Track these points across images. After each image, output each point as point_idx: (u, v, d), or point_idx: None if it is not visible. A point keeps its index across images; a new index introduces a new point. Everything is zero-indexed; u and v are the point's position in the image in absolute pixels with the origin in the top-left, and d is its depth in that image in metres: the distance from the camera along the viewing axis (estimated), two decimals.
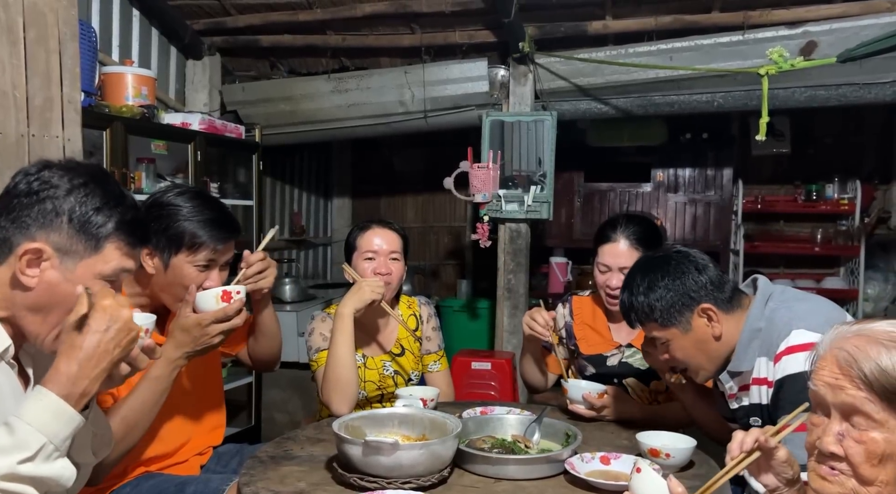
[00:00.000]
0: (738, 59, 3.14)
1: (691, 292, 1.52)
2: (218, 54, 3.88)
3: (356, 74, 3.80)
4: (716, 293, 1.53)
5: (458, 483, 1.42)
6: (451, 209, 5.41)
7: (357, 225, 2.10)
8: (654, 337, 1.58)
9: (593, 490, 1.38)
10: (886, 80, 3.03)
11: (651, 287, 1.54)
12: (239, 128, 3.46)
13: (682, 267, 1.55)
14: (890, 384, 0.90)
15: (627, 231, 2.00)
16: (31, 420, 1.00)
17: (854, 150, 4.55)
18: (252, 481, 1.40)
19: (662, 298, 1.53)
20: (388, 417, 1.58)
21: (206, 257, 1.58)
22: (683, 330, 1.53)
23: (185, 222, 1.57)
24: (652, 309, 1.53)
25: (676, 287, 1.52)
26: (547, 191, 3.47)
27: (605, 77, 3.39)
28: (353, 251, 2.02)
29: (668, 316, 1.53)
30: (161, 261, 1.58)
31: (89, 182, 1.13)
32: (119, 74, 2.93)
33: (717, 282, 1.54)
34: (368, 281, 1.90)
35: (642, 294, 1.55)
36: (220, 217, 1.63)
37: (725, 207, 4.53)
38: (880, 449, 0.91)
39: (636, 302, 1.56)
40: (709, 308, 1.52)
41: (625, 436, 1.70)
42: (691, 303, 1.52)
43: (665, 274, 1.55)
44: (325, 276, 5.58)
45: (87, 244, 1.11)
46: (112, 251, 1.14)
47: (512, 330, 3.60)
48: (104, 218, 1.12)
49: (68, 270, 1.11)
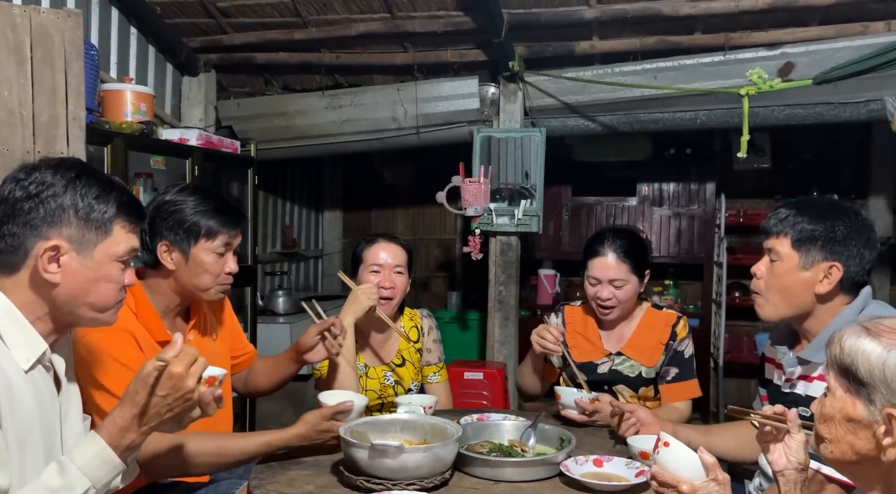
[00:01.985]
0: (719, 78, 3.26)
1: (843, 249, 1.52)
2: (213, 71, 3.94)
3: (350, 91, 3.88)
4: (853, 268, 1.52)
5: (459, 485, 1.49)
6: (441, 222, 5.49)
7: (364, 237, 2.17)
8: (772, 248, 1.57)
9: (587, 490, 1.45)
10: (860, 99, 3.17)
11: (825, 217, 1.53)
12: (235, 143, 3.52)
13: (862, 228, 1.54)
14: (843, 362, 1.03)
15: (615, 245, 2.09)
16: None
17: (831, 166, 4.69)
18: (262, 484, 1.47)
19: (819, 230, 1.52)
20: (391, 423, 1.65)
21: (222, 243, 1.66)
22: (802, 265, 1.53)
23: (197, 214, 1.64)
24: (802, 230, 1.53)
25: (841, 234, 1.52)
26: (537, 204, 3.57)
27: (592, 95, 3.50)
28: (359, 263, 2.09)
29: (806, 243, 1.53)
30: (181, 254, 1.64)
31: (81, 174, 1.20)
32: (118, 91, 2.99)
33: (863, 262, 1.53)
34: (362, 288, 1.98)
35: (809, 216, 1.54)
36: (227, 205, 1.71)
37: (709, 220, 4.64)
38: (826, 411, 1.06)
39: (796, 216, 1.55)
40: (838, 268, 1.51)
41: (616, 440, 1.78)
42: (832, 254, 1.52)
43: (845, 218, 1.53)
44: (316, 288, 5.63)
45: (98, 230, 1.19)
46: (120, 232, 1.22)
47: (503, 341, 3.68)
48: (105, 203, 1.20)
49: (87, 258, 1.19)
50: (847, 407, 1.02)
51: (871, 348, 1.00)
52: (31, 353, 1.15)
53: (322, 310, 1.98)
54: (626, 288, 2.07)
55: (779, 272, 1.56)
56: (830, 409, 1.05)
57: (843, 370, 1.03)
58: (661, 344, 2.13)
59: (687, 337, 2.15)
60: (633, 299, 2.12)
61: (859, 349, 1.01)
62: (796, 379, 1.59)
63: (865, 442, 1.00)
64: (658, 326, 2.15)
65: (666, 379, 2.12)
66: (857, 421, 1.01)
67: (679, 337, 2.13)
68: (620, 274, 2.06)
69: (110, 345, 1.52)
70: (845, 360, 1.03)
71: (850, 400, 1.02)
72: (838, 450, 1.04)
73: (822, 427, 1.07)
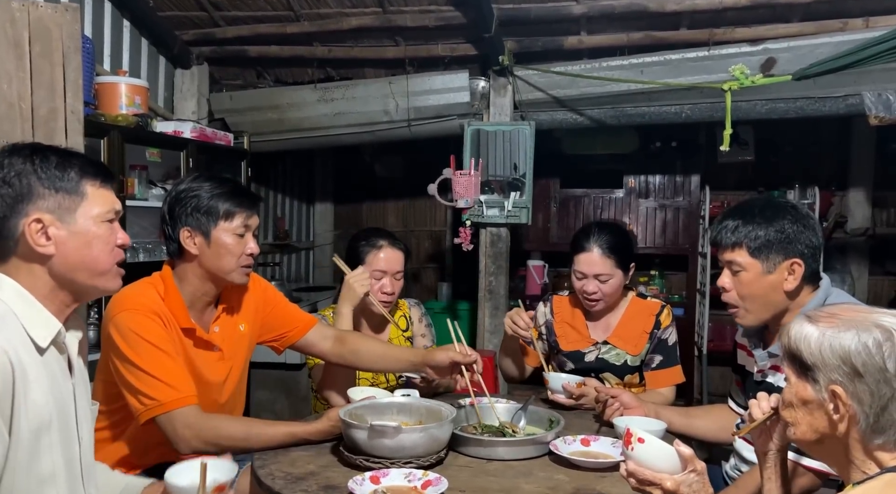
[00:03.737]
0: (703, 73, 3.34)
1: (798, 243, 1.57)
2: (206, 64, 3.97)
3: (342, 84, 3.92)
4: (811, 259, 1.59)
5: (454, 464, 1.56)
6: (432, 214, 5.55)
7: (364, 236, 2.20)
8: (732, 261, 1.62)
9: (575, 467, 1.53)
10: (839, 94, 3.26)
11: (771, 220, 1.58)
12: (228, 135, 3.57)
13: (805, 220, 1.60)
14: (790, 349, 1.12)
15: (600, 240, 2.15)
16: None
17: (813, 159, 4.78)
18: (265, 464, 1.53)
19: (771, 234, 1.57)
20: (388, 405, 1.72)
21: (241, 223, 1.71)
22: (765, 270, 1.59)
23: (214, 197, 1.69)
24: (756, 238, 1.58)
25: (791, 231, 1.57)
26: (526, 196, 3.64)
27: (581, 89, 3.57)
28: (360, 263, 2.14)
29: (764, 249, 1.58)
30: (203, 238, 1.69)
31: (35, 150, 1.23)
32: (113, 84, 3.02)
33: (816, 252, 1.60)
34: (354, 276, 2.03)
35: (757, 223, 1.59)
36: (241, 188, 1.77)
37: (693, 212, 4.73)
38: (786, 397, 1.15)
39: (745, 226, 1.59)
40: (799, 264, 1.58)
41: (602, 423, 1.86)
42: (789, 252, 1.57)
43: (788, 215, 1.59)
44: (308, 280, 5.68)
45: (72, 195, 1.22)
46: (94, 191, 1.25)
47: (493, 330, 3.75)
48: (68, 169, 1.23)
49: (71, 225, 1.22)
50: (800, 390, 1.11)
51: (809, 332, 1.09)
52: (46, 333, 1.19)
53: (461, 334, 1.88)
54: (610, 282, 2.15)
55: (746, 281, 1.61)
56: (789, 395, 1.14)
57: (792, 356, 1.12)
58: (645, 333, 2.21)
59: (671, 326, 2.22)
60: (618, 292, 2.20)
61: (801, 335, 1.10)
62: (768, 370, 1.67)
63: (821, 421, 1.09)
64: (643, 315, 2.23)
65: (651, 366, 2.20)
66: (810, 402, 1.09)
67: (663, 326, 2.21)
68: (605, 270, 2.14)
69: (139, 326, 1.58)
70: (792, 347, 1.11)
71: (802, 384, 1.10)
72: (800, 431, 1.13)
73: (786, 412, 1.15)
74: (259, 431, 1.63)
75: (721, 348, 4.61)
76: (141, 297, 1.62)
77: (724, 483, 1.83)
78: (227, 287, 1.79)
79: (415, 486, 1.39)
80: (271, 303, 1.92)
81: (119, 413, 1.63)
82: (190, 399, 1.58)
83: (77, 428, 1.27)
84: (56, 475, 1.20)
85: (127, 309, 1.58)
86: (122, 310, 1.58)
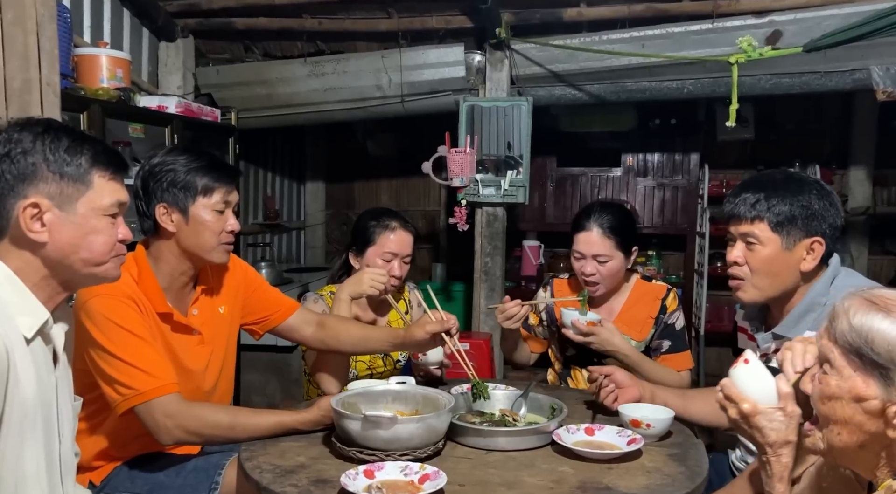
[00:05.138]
0: (707, 47, 3.24)
1: (822, 221, 1.50)
2: (191, 37, 3.82)
3: (333, 58, 3.79)
4: (830, 240, 1.51)
5: (452, 455, 1.49)
6: (426, 193, 5.45)
7: (376, 216, 2.09)
8: (750, 233, 1.53)
9: (580, 458, 1.46)
10: (845, 68, 3.17)
11: (796, 193, 1.50)
12: (215, 111, 3.44)
13: (830, 197, 1.52)
14: (853, 341, 0.98)
15: (600, 219, 2.07)
16: None
17: (813, 137, 4.71)
18: (253, 456, 1.45)
19: (796, 209, 1.49)
20: (383, 394, 1.63)
21: (220, 199, 1.61)
22: (784, 246, 1.51)
23: (191, 171, 1.59)
24: (779, 212, 1.50)
25: (816, 207, 1.49)
26: (523, 175, 3.54)
27: (580, 63, 3.46)
28: (368, 243, 2.05)
29: (786, 224, 1.50)
30: (181, 215, 1.59)
31: (48, 129, 1.15)
32: (93, 56, 2.89)
33: (837, 232, 1.52)
34: (372, 273, 1.93)
35: (781, 196, 1.50)
36: (219, 161, 1.66)
37: (692, 191, 4.66)
38: (831, 391, 1.00)
39: (768, 198, 1.51)
40: (820, 243, 1.50)
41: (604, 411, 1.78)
42: (812, 230, 1.49)
43: (813, 190, 1.51)
44: (299, 260, 5.59)
45: (76, 183, 1.14)
46: (101, 182, 1.17)
47: (489, 312, 3.68)
48: (78, 155, 1.15)
49: (70, 213, 1.14)
50: (858, 387, 0.97)
51: (886, 327, 0.95)
52: (33, 321, 1.12)
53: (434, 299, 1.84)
54: (609, 264, 2.07)
55: (762, 256, 1.52)
56: (836, 390, 0.99)
57: (854, 349, 0.97)
58: (650, 318, 2.13)
59: (677, 310, 2.15)
60: (618, 275, 2.12)
61: (873, 327, 0.96)
62: (771, 353, 1.59)
63: (874, 424, 0.96)
64: (647, 299, 2.16)
65: (660, 352, 2.13)
66: (867, 400, 0.96)
67: (669, 310, 2.13)
68: (604, 250, 2.06)
69: (112, 311, 1.48)
70: (856, 339, 0.97)
71: (862, 380, 0.96)
72: (846, 432, 0.99)
73: (826, 407, 1.01)
74: (246, 420, 1.54)
75: (719, 329, 4.58)
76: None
77: (730, 474, 1.77)
78: (205, 267, 1.70)
79: (411, 480, 1.31)
80: (252, 285, 1.83)
81: (95, 404, 1.54)
82: (170, 386, 1.49)
83: (58, 424, 1.20)
84: (39, 472, 1.13)
85: (98, 293, 1.47)
86: (92, 295, 1.47)
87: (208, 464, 1.57)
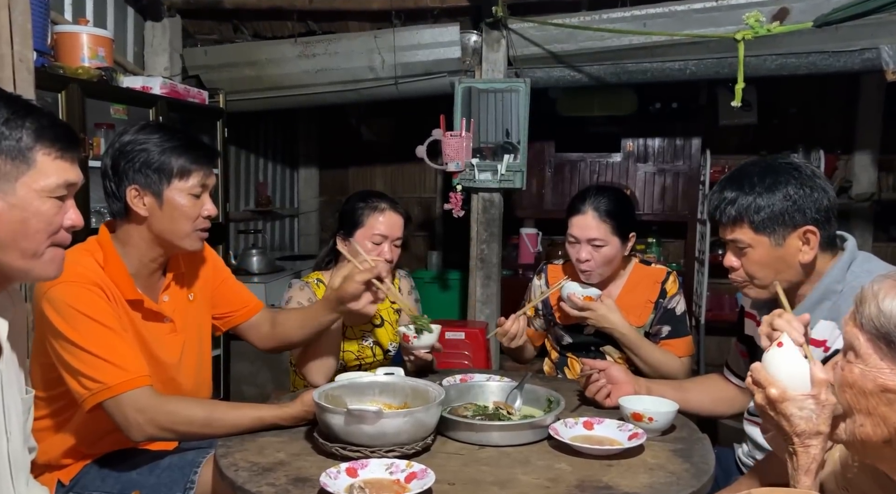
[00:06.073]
0: (710, 25, 3.12)
1: (807, 209, 1.39)
2: (178, 16, 3.70)
3: (324, 38, 3.68)
4: (825, 223, 1.41)
5: (442, 451, 1.40)
6: (421, 180, 5.34)
7: (364, 197, 2.00)
8: (736, 240, 1.45)
9: (577, 454, 1.37)
10: (855, 48, 3.06)
11: (771, 189, 1.40)
12: (202, 93, 3.33)
13: (811, 181, 1.40)
14: (882, 326, 0.91)
15: (596, 202, 1.99)
16: None
17: (817, 121, 4.60)
18: (229, 453, 1.36)
19: (775, 204, 1.39)
20: (369, 386, 1.54)
21: (197, 182, 1.51)
22: (774, 243, 1.41)
23: (165, 151, 1.47)
24: (758, 211, 1.40)
25: (797, 197, 1.39)
26: (520, 160, 3.44)
27: (579, 44, 3.35)
28: (357, 225, 1.95)
29: (768, 223, 1.40)
30: (154, 199, 1.48)
31: None
32: (74, 34, 2.78)
33: (829, 214, 1.42)
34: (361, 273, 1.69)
35: (756, 193, 1.41)
36: (196, 141, 1.55)
37: (693, 177, 4.55)
38: (854, 379, 0.94)
39: (743, 199, 1.42)
40: (813, 232, 1.40)
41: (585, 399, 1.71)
42: (799, 221, 1.40)
43: (791, 179, 1.40)
44: (292, 248, 5.49)
45: (15, 161, 1.02)
46: (46, 162, 1.04)
47: (485, 301, 3.59)
48: (18, 128, 1.02)
49: (8, 195, 1.01)
50: (884, 376, 0.90)
51: None
52: None
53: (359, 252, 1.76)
54: (604, 250, 1.98)
55: (755, 259, 1.44)
56: (861, 378, 0.92)
57: (882, 335, 0.90)
58: (650, 303, 2.05)
59: (677, 294, 2.07)
60: (614, 261, 2.03)
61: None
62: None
63: None
64: (646, 283, 2.07)
65: (659, 337, 2.05)
66: (894, 391, 0.89)
67: (669, 294, 2.05)
68: (599, 234, 1.97)
69: (76, 300, 1.38)
70: (885, 324, 0.90)
71: (889, 369, 0.90)
72: (870, 423, 0.92)
73: (848, 397, 0.94)
74: (223, 415, 1.44)
75: (719, 317, 4.50)
76: (77, 267, 1.40)
77: (737, 471, 1.69)
78: (175, 253, 1.60)
79: (397, 479, 1.22)
80: (220, 277, 1.74)
81: (62, 400, 1.44)
82: (141, 380, 1.39)
83: (5, 421, 1.09)
84: None
85: (62, 281, 1.35)
86: (56, 284, 1.36)
87: (183, 462, 1.48)
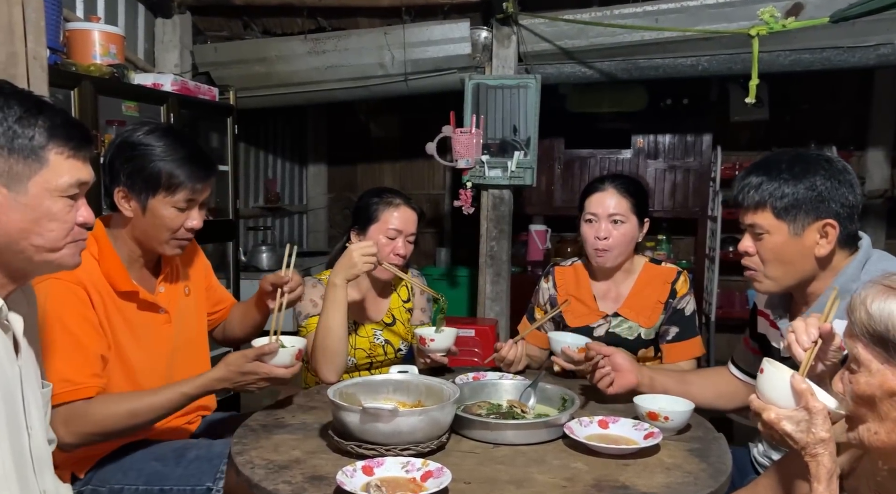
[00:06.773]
0: (723, 21, 3.10)
1: (832, 201, 1.38)
2: (188, 13, 3.71)
3: (334, 35, 3.67)
4: (847, 220, 1.40)
5: (457, 449, 1.39)
6: (430, 176, 5.33)
7: (378, 193, 2.01)
8: (755, 224, 1.43)
9: (593, 453, 1.36)
10: (870, 43, 3.03)
11: (800, 176, 1.39)
12: (213, 90, 3.33)
13: (841, 175, 1.40)
14: (874, 330, 0.91)
15: (615, 182, 2.00)
16: None
17: (830, 117, 4.57)
18: (245, 450, 1.36)
19: (800, 192, 1.38)
20: (383, 384, 1.54)
21: (185, 197, 1.51)
22: (792, 233, 1.40)
23: (161, 162, 1.48)
24: (782, 197, 1.39)
25: (823, 188, 1.38)
26: (530, 156, 3.43)
27: (590, 40, 3.33)
28: (371, 220, 1.95)
29: (791, 210, 1.39)
30: (139, 204, 1.50)
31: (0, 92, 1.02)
32: (86, 31, 2.78)
33: (852, 211, 1.41)
34: (360, 248, 1.80)
35: (783, 180, 1.40)
36: (196, 154, 1.55)
37: (704, 173, 4.53)
38: (862, 390, 0.93)
39: (769, 184, 1.41)
40: (833, 225, 1.38)
41: (622, 400, 1.68)
42: (822, 212, 1.39)
43: (821, 170, 1.40)
44: (301, 244, 5.50)
45: (28, 160, 1.02)
46: (59, 161, 1.04)
47: (494, 297, 3.58)
48: (31, 127, 1.02)
49: (20, 194, 1.02)
50: (888, 380, 0.89)
51: None
52: None
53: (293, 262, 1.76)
54: (624, 227, 1.96)
55: (771, 246, 1.42)
56: (867, 387, 0.92)
57: (877, 338, 0.90)
58: (660, 303, 2.02)
59: (688, 294, 2.03)
60: (630, 245, 2.00)
61: (893, 311, 0.89)
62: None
63: None
64: (656, 283, 2.04)
65: (666, 339, 2.01)
66: None
67: (679, 295, 2.02)
68: (620, 210, 1.96)
69: (55, 300, 1.39)
70: (877, 328, 0.90)
71: (892, 372, 0.89)
72: (884, 430, 0.91)
73: (862, 408, 0.94)
74: (146, 402, 1.45)
75: (730, 315, 4.48)
76: None
77: (752, 470, 1.67)
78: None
79: (413, 477, 1.22)
80: (210, 277, 1.80)
81: None
82: (80, 391, 1.39)
83: (26, 416, 1.10)
84: (7, 472, 1.03)
85: (50, 276, 1.38)
86: (43, 279, 1.38)
87: (212, 453, 1.49)
